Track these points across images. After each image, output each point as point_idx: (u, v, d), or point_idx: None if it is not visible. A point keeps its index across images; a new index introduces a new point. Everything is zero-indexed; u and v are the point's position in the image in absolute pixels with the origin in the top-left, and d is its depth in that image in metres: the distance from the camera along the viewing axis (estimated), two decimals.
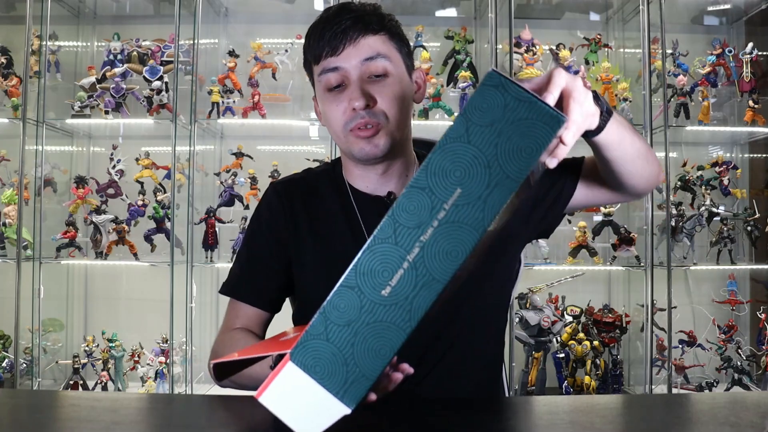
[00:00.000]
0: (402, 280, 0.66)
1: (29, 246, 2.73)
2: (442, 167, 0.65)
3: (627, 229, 2.72)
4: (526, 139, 0.64)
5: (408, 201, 0.66)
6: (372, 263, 0.66)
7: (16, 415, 0.88)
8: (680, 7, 3.02)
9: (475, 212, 0.65)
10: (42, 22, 2.73)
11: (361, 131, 1.08)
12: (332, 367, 0.67)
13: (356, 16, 1.08)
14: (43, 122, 2.74)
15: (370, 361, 0.67)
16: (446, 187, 0.65)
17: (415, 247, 0.65)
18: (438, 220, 0.65)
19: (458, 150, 0.65)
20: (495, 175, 0.65)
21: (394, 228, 0.66)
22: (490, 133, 0.65)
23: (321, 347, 0.67)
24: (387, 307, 0.66)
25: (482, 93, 0.66)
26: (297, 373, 0.67)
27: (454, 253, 0.65)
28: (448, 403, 0.91)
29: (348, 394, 0.67)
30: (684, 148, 3.01)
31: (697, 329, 2.83)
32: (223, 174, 2.79)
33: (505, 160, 0.65)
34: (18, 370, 2.66)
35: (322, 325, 0.67)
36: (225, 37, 3.07)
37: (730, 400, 0.99)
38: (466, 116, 0.65)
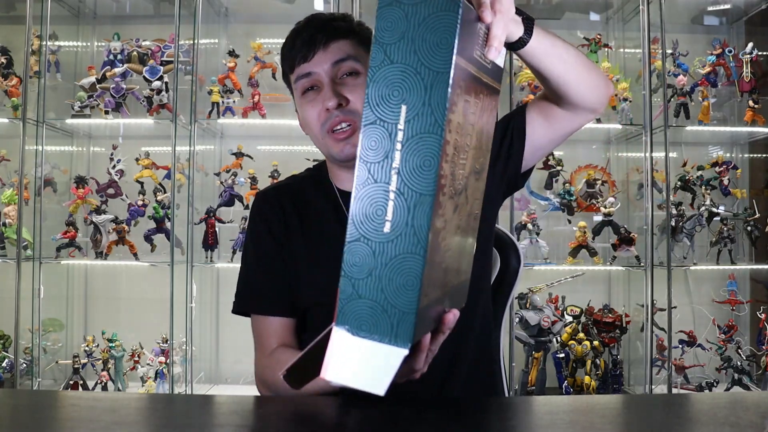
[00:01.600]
0: (395, 210, 0.68)
1: (29, 246, 2.73)
2: (380, 95, 0.68)
3: (627, 229, 2.72)
4: (437, 32, 0.67)
5: (367, 140, 0.69)
6: (363, 209, 0.69)
7: (16, 415, 0.88)
8: (680, 7, 3.01)
9: (427, 118, 0.67)
10: (42, 22, 2.73)
11: (337, 133, 1.11)
12: (375, 319, 0.69)
13: (324, 24, 1.14)
14: (43, 122, 2.74)
15: (404, 297, 0.68)
16: (392, 110, 0.68)
17: (392, 175, 0.68)
18: (399, 142, 0.68)
19: (386, 73, 0.68)
20: (427, 77, 0.67)
21: (367, 169, 0.69)
22: (405, 45, 0.68)
23: (357, 306, 0.69)
24: (394, 241, 0.68)
25: (382, 15, 0.69)
26: (347, 339, 0.70)
27: (427, 163, 0.68)
28: (448, 403, 0.91)
29: (399, 336, 0.69)
30: (684, 148, 3.01)
31: (697, 329, 2.83)
32: (223, 174, 2.79)
33: (428, 59, 0.67)
34: (18, 370, 2.66)
35: (348, 286, 0.70)
36: (225, 37, 3.06)
37: (730, 400, 0.99)
38: (377, 42, 0.69)
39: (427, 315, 0.73)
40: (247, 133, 3.00)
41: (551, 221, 2.89)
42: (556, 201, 2.78)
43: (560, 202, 2.77)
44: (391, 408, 0.85)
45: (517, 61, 2.77)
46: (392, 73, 0.68)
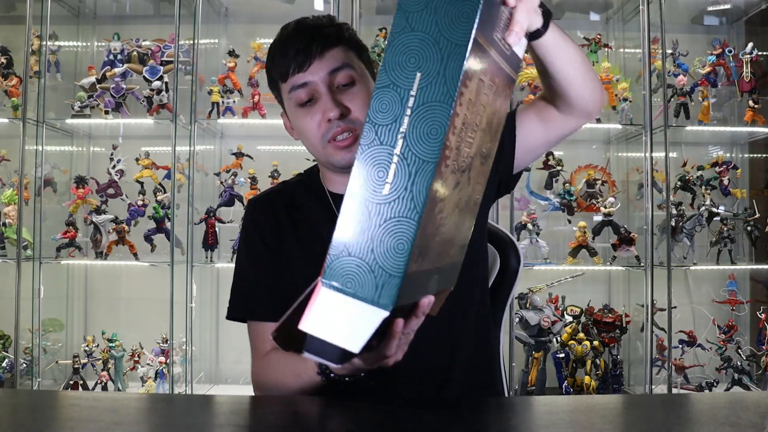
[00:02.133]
0: (397, 173, 0.69)
1: (29, 246, 2.73)
2: (397, 61, 0.69)
3: (627, 229, 2.72)
4: (460, 5, 0.68)
5: (378, 102, 0.70)
6: (366, 169, 0.70)
7: (16, 415, 0.88)
8: (680, 7, 3.02)
9: (439, 87, 0.68)
10: (42, 22, 2.73)
11: (339, 141, 1.11)
12: (361, 278, 0.70)
13: (316, 31, 1.12)
14: (43, 122, 2.74)
15: (393, 259, 0.69)
16: (407, 76, 0.69)
17: (398, 139, 0.69)
18: (410, 107, 0.69)
19: (406, 40, 0.69)
20: (445, 48, 0.68)
21: (375, 131, 0.70)
22: (428, 14, 0.69)
23: (345, 263, 0.70)
24: (391, 203, 0.70)
25: None
26: (331, 295, 0.71)
27: (433, 132, 0.68)
28: (448, 403, 0.91)
29: (382, 297, 0.70)
30: (684, 148, 3.01)
31: (697, 329, 2.83)
32: (223, 174, 2.79)
33: (448, 30, 0.68)
34: (18, 370, 2.66)
35: (341, 243, 0.71)
36: (225, 37, 3.06)
37: (730, 400, 0.99)
38: (401, 9, 0.70)
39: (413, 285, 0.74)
40: (247, 133, 3.00)
41: (551, 221, 2.89)
42: (556, 201, 2.78)
43: (560, 202, 2.77)
44: (391, 408, 0.85)
45: None
46: (412, 40, 0.69)
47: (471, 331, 1.20)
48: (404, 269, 0.69)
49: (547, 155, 2.81)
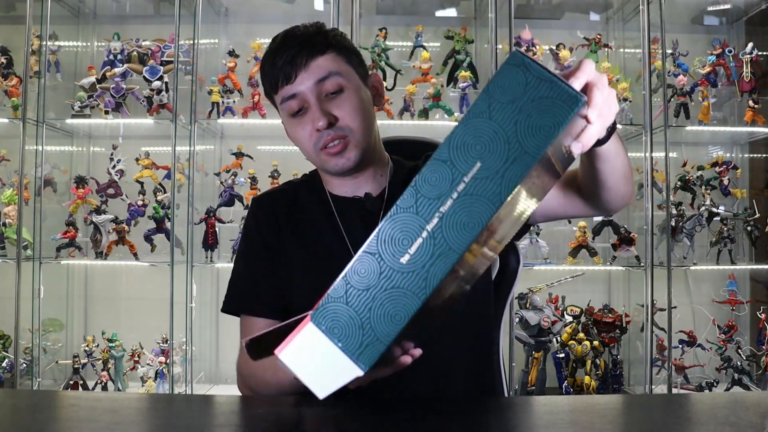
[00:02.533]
0: (420, 248, 0.68)
1: (29, 246, 2.73)
2: (464, 141, 0.68)
3: (627, 229, 2.72)
4: (545, 116, 0.66)
5: (430, 173, 0.68)
6: (393, 231, 0.69)
7: (16, 415, 0.88)
8: (680, 7, 3.02)
9: (493, 186, 0.67)
10: (42, 22, 2.73)
11: (330, 149, 1.12)
12: (349, 330, 0.70)
13: (302, 41, 1.13)
14: (43, 122, 2.74)
15: (385, 326, 0.69)
16: (467, 161, 0.68)
17: (435, 217, 0.68)
18: (457, 192, 0.68)
19: (480, 125, 0.68)
20: (513, 151, 0.67)
21: (415, 198, 0.68)
22: (511, 110, 0.67)
23: (340, 310, 0.70)
24: (405, 274, 0.69)
25: (505, 71, 0.68)
26: (316, 334, 0.71)
27: (470, 225, 0.67)
28: (448, 403, 0.91)
29: (362, 356, 0.70)
30: (684, 148, 3.01)
31: (697, 329, 2.83)
32: (223, 174, 2.79)
33: (524, 136, 0.67)
34: (18, 370, 2.66)
35: (342, 289, 0.70)
36: (225, 37, 3.06)
37: (730, 400, 0.99)
38: (488, 93, 0.68)
39: (393, 345, 0.73)
40: (247, 133, 3.00)
41: (551, 221, 2.88)
42: None
43: None
44: (391, 408, 0.85)
45: None
46: (486, 127, 0.67)
47: (472, 332, 1.20)
48: (393, 338, 0.69)
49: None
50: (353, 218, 1.19)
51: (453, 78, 2.83)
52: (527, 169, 0.66)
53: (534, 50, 2.79)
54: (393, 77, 2.84)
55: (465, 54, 2.82)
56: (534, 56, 2.76)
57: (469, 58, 2.82)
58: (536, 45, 2.81)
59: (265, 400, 1.00)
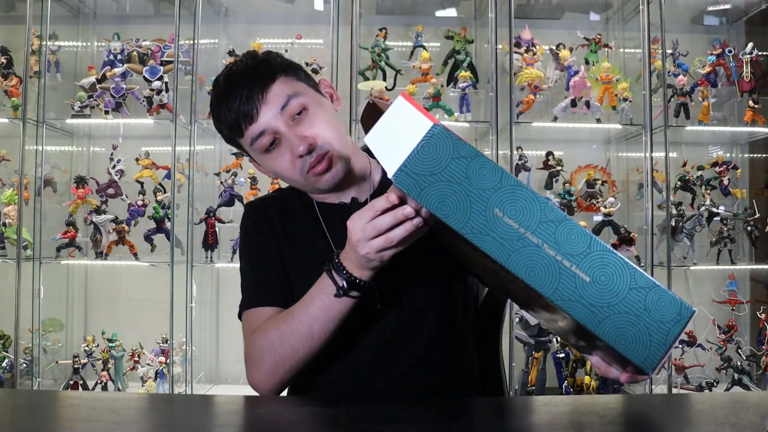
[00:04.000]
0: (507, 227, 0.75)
1: (29, 246, 2.73)
2: (608, 263, 0.74)
3: (627, 229, 2.72)
4: (633, 341, 0.74)
5: (576, 234, 0.75)
6: (521, 200, 0.76)
7: (16, 415, 0.88)
8: (680, 7, 3.02)
9: (569, 292, 0.74)
10: (42, 22, 2.73)
11: (316, 169, 1.10)
12: (426, 160, 0.78)
13: (248, 77, 1.10)
14: (43, 122, 2.74)
15: (433, 197, 0.77)
16: (590, 267, 0.74)
17: (538, 239, 0.74)
18: (563, 259, 0.74)
19: (623, 278, 0.74)
20: (600, 312, 0.73)
21: (552, 219, 0.75)
22: (638, 309, 0.74)
23: (444, 152, 0.78)
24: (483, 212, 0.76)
25: (674, 302, 0.75)
26: (422, 129, 0.78)
27: (531, 273, 0.74)
28: (448, 403, 0.91)
29: (401, 174, 0.78)
30: (684, 148, 3.01)
31: (697, 329, 2.83)
32: (223, 174, 2.79)
33: (615, 320, 0.73)
34: (18, 370, 2.66)
35: (465, 152, 0.77)
36: (225, 37, 3.07)
37: (730, 400, 0.99)
38: (653, 289, 0.74)
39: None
40: None
41: None
42: (556, 201, 2.78)
43: (560, 202, 2.77)
44: (391, 408, 0.85)
45: (518, 61, 2.77)
46: (623, 283, 0.73)
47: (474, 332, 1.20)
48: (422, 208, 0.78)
49: (547, 155, 2.81)
50: (338, 224, 1.15)
51: (453, 78, 2.83)
52: (583, 322, 0.73)
53: (534, 50, 2.79)
54: (393, 77, 2.84)
55: (465, 54, 2.82)
56: (534, 56, 2.77)
57: (469, 58, 2.82)
58: (536, 45, 2.81)
59: (265, 400, 1.00)
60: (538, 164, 2.83)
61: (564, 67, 2.80)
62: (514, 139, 2.66)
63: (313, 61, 2.80)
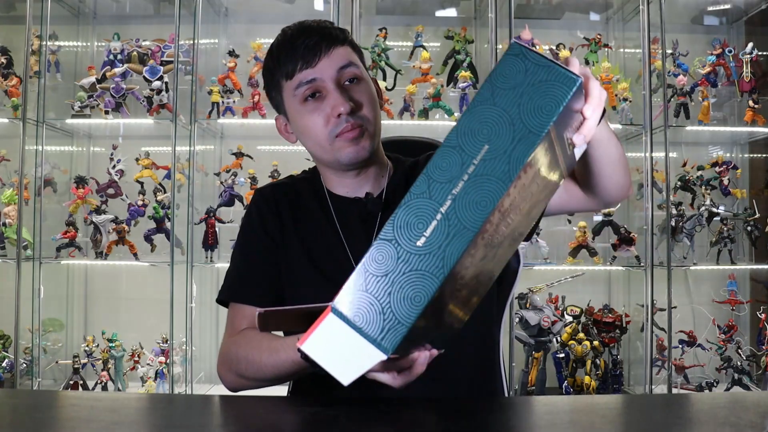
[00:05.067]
0: (436, 230, 0.71)
1: (29, 246, 2.73)
2: (470, 127, 0.71)
3: (627, 229, 2.72)
4: (545, 97, 0.71)
5: (440, 159, 0.71)
6: (407, 217, 0.71)
7: (16, 415, 0.88)
8: (680, 7, 3.02)
9: (501, 165, 0.70)
10: (42, 22, 2.73)
11: (348, 134, 1.11)
12: (370, 316, 0.71)
13: (321, 31, 1.13)
14: (43, 122, 2.74)
15: (406, 309, 0.71)
16: (474, 144, 0.71)
17: (447, 199, 0.70)
18: (468, 174, 0.71)
19: (485, 111, 0.71)
20: (518, 131, 0.70)
21: (428, 184, 0.71)
22: (513, 95, 0.71)
23: (360, 298, 0.72)
24: (421, 256, 0.71)
25: (505, 61, 0.72)
26: (337, 323, 0.72)
27: (482, 203, 0.70)
28: (448, 403, 0.91)
29: (385, 340, 0.71)
30: (684, 148, 3.01)
31: (697, 329, 2.83)
32: (223, 174, 2.79)
33: (527, 117, 0.71)
34: (18, 370, 2.66)
35: (361, 277, 0.72)
36: (225, 37, 3.07)
37: (730, 400, 0.99)
38: (491, 82, 0.72)
39: (413, 338, 0.75)
40: (247, 133, 3.00)
41: (551, 221, 2.88)
42: None
43: None
44: (391, 408, 0.85)
45: None
46: (491, 113, 0.71)
47: (475, 332, 1.20)
48: (414, 321, 0.70)
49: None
50: (352, 219, 1.18)
51: (453, 78, 2.83)
52: (533, 147, 0.70)
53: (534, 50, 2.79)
54: (393, 77, 2.84)
55: (465, 54, 2.82)
56: None
57: (469, 58, 2.82)
58: (536, 45, 2.81)
59: (265, 399, 1.00)
60: None
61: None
62: None
63: None
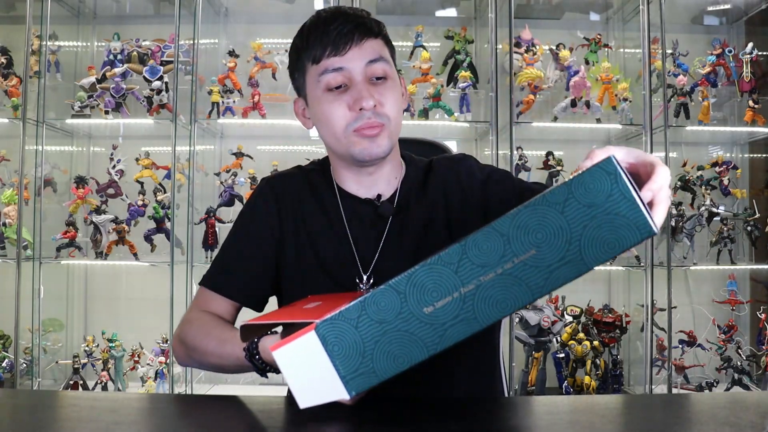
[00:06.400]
0: (447, 306, 0.69)
1: (29, 246, 2.73)
2: (527, 224, 0.67)
3: None
4: (614, 234, 0.66)
5: (484, 239, 0.68)
6: (426, 280, 0.69)
7: (16, 415, 0.88)
8: (680, 7, 3.02)
9: (538, 277, 0.67)
10: (42, 22, 2.73)
11: (366, 130, 1.08)
12: (350, 353, 0.70)
13: (358, 20, 1.09)
14: (43, 122, 2.74)
15: (386, 364, 0.70)
16: (523, 243, 0.67)
17: (472, 283, 0.68)
18: (503, 269, 0.67)
19: (549, 214, 0.67)
20: (571, 253, 0.66)
21: (459, 257, 0.68)
22: (585, 213, 0.66)
23: (347, 331, 0.70)
24: (423, 324, 0.69)
25: (593, 174, 0.66)
26: (316, 344, 0.71)
27: (503, 305, 0.67)
28: (448, 403, 0.91)
29: (353, 382, 0.70)
30: (684, 148, 3.01)
31: (697, 329, 2.83)
32: (223, 174, 2.79)
33: (587, 243, 0.66)
34: (18, 370, 2.66)
35: (357, 312, 0.70)
36: (225, 37, 3.07)
37: (730, 400, 0.99)
38: (570, 187, 0.67)
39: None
40: (247, 133, 3.00)
41: None
42: None
43: None
44: (390, 408, 0.85)
45: (518, 61, 2.77)
46: (554, 220, 0.66)
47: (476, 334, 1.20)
48: (388, 377, 0.70)
49: (547, 155, 2.81)
50: (362, 220, 1.16)
51: (453, 78, 2.83)
52: (578, 275, 0.66)
53: (534, 50, 2.79)
54: None
55: (465, 54, 2.82)
56: (534, 56, 2.76)
57: (469, 58, 2.82)
58: (536, 45, 2.81)
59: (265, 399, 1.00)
60: (538, 164, 2.83)
61: (564, 67, 2.80)
62: (514, 139, 2.67)
63: None
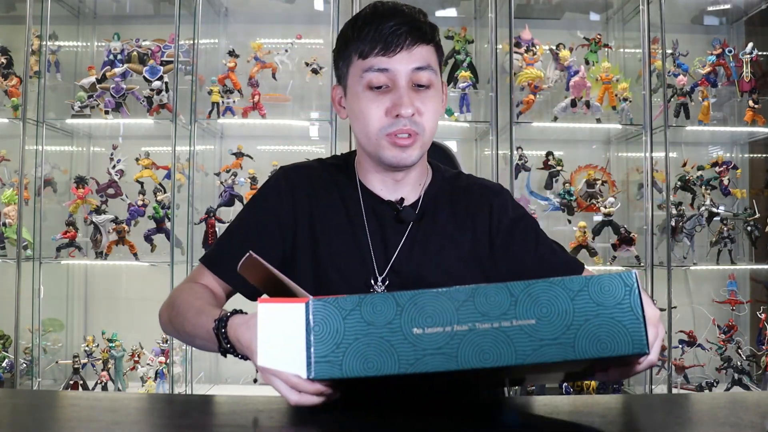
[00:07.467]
0: (434, 336, 0.71)
1: (29, 246, 2.73)
2: (538, 296, 0.71)
3: (627, 229, 2.72)
4: (609, 337, 0.70)
5: (495, 292, 0.72)
6: (428, 304, 0.72)
7: (16, 415, 0.88)
8: (680, 7, 3.02)
9: (527, 346, 0.70)
10: (42, 22, 2.73)
11: (399, 138, 1.07)
12: (327, 338, 0.72)
13: (411, 22, 1.07)
14: (43, 122, 2.74)
15: (355, 362, 0.71)
16: (526, 310, 0.71)
17: (467, 325, 0.71)
18: (500, 324, 0.71)
19: (560, 296, 0.71)
20: (566, 339, 0.70)
21: (466, 298, 0.71)
22: (592, 309, 0.71)
23: (335, 318, 0.72)
24: (406, 341, 0.71)
25: (613, 280, 0.72)
26: (300, 317, 0.73)
27: (486, 355, 0.70)
28: (449, 403, 0.91)
29: (317, 366, 0.72)
30: (684, 148, 3.01)
31: (697, 329, 2.83)
32: (223, 174, 2.79)
33: (582, 335, 0.70)
34: (18, 370, 2.66)
35: (351, 305, 0.72)
36: (225, 37, 3.07)
37: (730, 400, 0.99)
38: (588, 283, 0.71)
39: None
40: (247, 133, 3.00)
41: (551, 221, 2.89)
42: (556, 201, 2.78)
43: (560, 202, 2.77)
44: (391, 408, 0.85)
45: (518, 61, 2.77)
46: (562, 303, 0.71)
47: None
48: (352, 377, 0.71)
49: (547, 155, 2.81)
50: (382, 221, 1.15)
51: (453, 78, 2.83)
52: (564, 359, 0.69)
53: (534, 50, 2.79)
54: None
55: (465, 54, 2.82)
56: (534, 56, 2.76)
57: (469, 58, 2.82)
58: (536, 45, 2.81)
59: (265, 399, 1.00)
60: (538, 164, 2.83)
61: (564, 67, 2.80)
62: (514, 139, 2.67)
63: (314, 61, 2.80)
